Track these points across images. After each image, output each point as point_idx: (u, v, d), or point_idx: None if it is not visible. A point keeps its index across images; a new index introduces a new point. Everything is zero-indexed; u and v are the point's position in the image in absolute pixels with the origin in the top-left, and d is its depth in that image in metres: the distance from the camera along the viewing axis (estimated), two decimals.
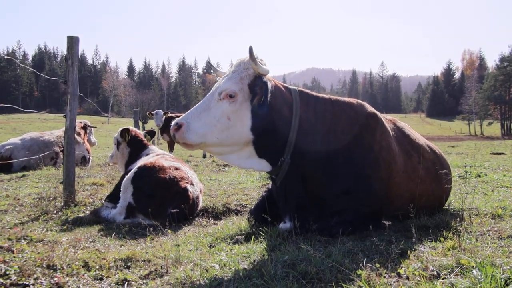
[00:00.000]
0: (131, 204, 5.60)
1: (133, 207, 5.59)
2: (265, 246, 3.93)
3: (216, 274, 3.26)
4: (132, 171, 5.85)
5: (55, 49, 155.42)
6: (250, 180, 8.96)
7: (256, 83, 4.14)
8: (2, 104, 6.50)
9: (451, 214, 5.00)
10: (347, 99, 4.71)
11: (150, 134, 7.30)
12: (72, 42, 6.51)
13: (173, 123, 4.12)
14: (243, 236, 4.43)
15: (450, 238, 3.90)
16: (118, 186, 6.26)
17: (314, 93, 4.64)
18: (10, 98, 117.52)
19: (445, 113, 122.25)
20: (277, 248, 3.84)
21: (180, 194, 5.60)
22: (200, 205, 6.06)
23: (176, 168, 5.96)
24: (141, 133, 7.19)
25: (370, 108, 4.69)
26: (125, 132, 6.91)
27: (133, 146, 6.94)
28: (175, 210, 5.28)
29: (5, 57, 8.06)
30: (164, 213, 5.41)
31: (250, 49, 4.05)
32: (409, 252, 3.54)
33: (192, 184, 5.90)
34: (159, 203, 5.50)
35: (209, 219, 5.75)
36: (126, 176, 5.85)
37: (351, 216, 4.24)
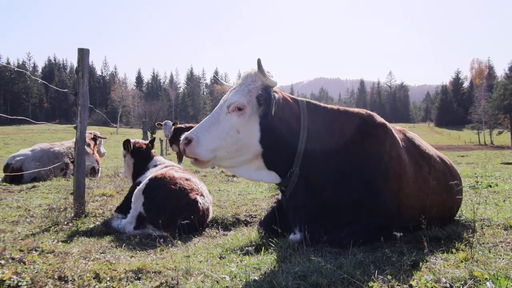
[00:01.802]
0: (141, 214, 5.62)
1: (143, 217, 5.62)
2: (276, 258, 3.91)
3: (227, 286, 3.25)
4: (144, 182, 5.88)
5: (64, 61, 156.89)
6: (259, 191, 8.94)
7: (264, 95, 4.15)
8: (14, 116, 6.57)
9: (462, 225, 4.96)
10: (356, 109, 4.70)
11: (151, 142, 7.35)
12: (83, 54, 6.58)
13: (182, 137, 4.14)
14: (253, 247, 4.42)
15: (462, 250, 3.86)
16: (127, 197, 6.30)
17: (322, 104, 4.64)
18: (21, 109, 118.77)
19: (454, 123, 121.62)
20: (288, 259, 3.82)
21: (190, 205, 5.61)
22: (210, 216, 6.06)
23: (186, 179, 5.98)
24: (144, 143, 7.22)
25: (380, 119, 4.68)
26: (126, 143, 7.02)
27: (137, 156, 6.99)
28: (185, 222, 5.30)
29: (16, 69, 8.13)
30: (174, 224, 5.43)
31: (259, 62, 4.07)
32: (421, 263, 3.52)
33: (202, 195, 5.91)
34: (170, 214, 5.52)
35: (218, 230, 5.76)
36: (138, 187, 5.88)
37: (362, 228, 4.22)
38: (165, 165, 6.81)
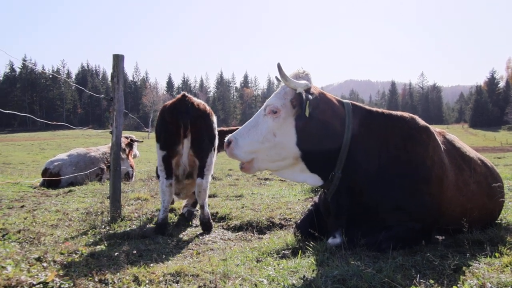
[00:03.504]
0: (162, 145, 6.00)
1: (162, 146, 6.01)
2: (313, 261, 3.89)
3: None
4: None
5: (97, 67, 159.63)
6: (292, 194, 8.91)
7: (295, 98, 4.16)
8: (54, 122, 6.75)
9: (505, 229, 4.82)
10: (399, 113, 4.62)
11: None
12: (118, 60, 6.67)
13: (226, 139, 4.29)
14: (290, 251, 4.40)
15: (506, 254, 3.76)
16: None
17: (367, 107, 4.59)
18: (56, 115, 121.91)
19: (490, 124, 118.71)
20: (325, 263, 3.80)
21: (180, 100, 5.95)
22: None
23: None
24: None
25: (422, 122, 4.59)
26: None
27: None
28: None
29: (51, 75, 8.39)
30: (180, 124, 5.83)
31: (278, 66, 4.08)
32: (464, 268, 3.44)
33: None
34: (169, 116, 5.90)
35: (253, 233, 5.75)
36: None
37: (402, 232, 4.14)
38: None
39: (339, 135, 4.25)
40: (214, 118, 6.30)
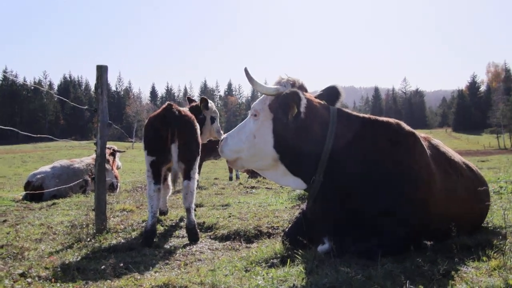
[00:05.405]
0: (150, 151, 6.15)
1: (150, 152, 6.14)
2: (302, 269, 3.86)
3: None
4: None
5: (79, 78, 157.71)
6: (279, 202, 8.87)
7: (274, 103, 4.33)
8: (39, 135, 6.68)
9: (491, 232, 4.84)
10: (385, 118, 4.62)
11: None
12: (101, 71, 6.62)
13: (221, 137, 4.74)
14: (279, 259, 4.37)
15: (494, 258, 3.77)
16: None
17: (354, 112, 4.62)
18: (37, 126, 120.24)
19: (472, 127, 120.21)
20: (315, 271, 3.77)
21: (165, 109, 6.16)
22: None
23: None
24: None
25: (408, 127, 4.60)
26: None
27: None
28: None
29: (33, 86, 8.29)
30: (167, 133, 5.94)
31: (245, 70, 4.34)
32: (453, 273, 3.44)
33: None
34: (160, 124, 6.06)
35: (241, 242, 5.70)
36: None
37: (390, 238, 4.10)
38: None
39: (321, 140, 4.28)
40: (197, 125, 6.55)
